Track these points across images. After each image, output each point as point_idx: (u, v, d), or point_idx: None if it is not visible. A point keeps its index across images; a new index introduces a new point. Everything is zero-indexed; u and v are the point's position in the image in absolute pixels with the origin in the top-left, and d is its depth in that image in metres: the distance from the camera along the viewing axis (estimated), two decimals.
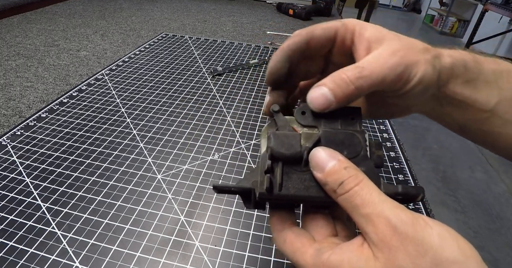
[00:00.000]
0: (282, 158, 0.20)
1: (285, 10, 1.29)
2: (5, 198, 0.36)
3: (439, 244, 0.15)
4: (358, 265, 0.16)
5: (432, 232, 0.15)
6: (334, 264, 0.17)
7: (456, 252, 0.15)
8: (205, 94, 0.61)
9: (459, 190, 1.67)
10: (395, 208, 0.16)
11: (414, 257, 0.15)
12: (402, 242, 0.15)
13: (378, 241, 0.16)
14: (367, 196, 0.17)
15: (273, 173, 0.19)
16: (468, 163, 1.91)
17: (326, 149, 0.19)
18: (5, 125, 0.49)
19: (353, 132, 0.21)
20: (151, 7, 1.26)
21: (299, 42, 0.22)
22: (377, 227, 0.16)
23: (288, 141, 0.20)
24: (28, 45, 0.80)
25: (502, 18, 3.56)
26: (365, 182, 0.17)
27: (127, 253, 0.31)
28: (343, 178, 0.18)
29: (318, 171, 0.19)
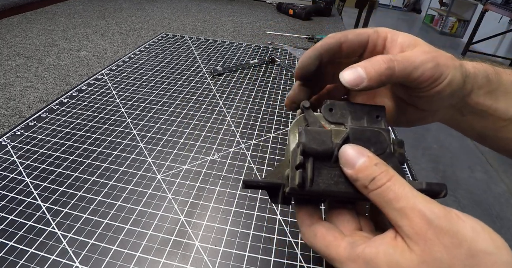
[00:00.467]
0: (313, 154, 0.20)
1: (285, 10, 1.29)
2: (5, 198, 0.36)
3: (473, 236, 0.15)
4: (394, 257, 0.17)
5: (465, 225, 0.16)
6: (369, 257, 0.17)
7: (489, 244, 0.15)
8: (205, 94, 0.61)
9: (459, 190, 1.68)
10: (428, 202, 0.17)
11: (449, 249, 0.15)
12: (437, 235, 0.16)
13: (413, 234, 0.16)
14: (399, 190, 0.17)
15: (305, 168, 0.20)
16: (468, 163, 1.91)
17: (355, 146, 0.19)
18: (5, 125, 0.49)
19: (379, 129, 0.21)
20: (151, 7, 1.26)
21: (332, 44, 0.23)
22: (411, 221, 0.16)
23: (320, 137, 0.20)
24: (28, 45, 0.80)
25: (502, 18, 3.56)
26: (396, 177, 0.18)
27: (127, 253, 0.31)
28: (375, 174, 0.18)
29: (349, 168, 0.19)
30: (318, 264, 0.32)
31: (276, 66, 0.77)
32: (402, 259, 0.16)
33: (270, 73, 0.73)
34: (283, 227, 0.35)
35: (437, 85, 0.21)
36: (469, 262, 0.15)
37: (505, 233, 1.40)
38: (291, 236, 0.34)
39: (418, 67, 0.21)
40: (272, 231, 0.35)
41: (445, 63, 0.21)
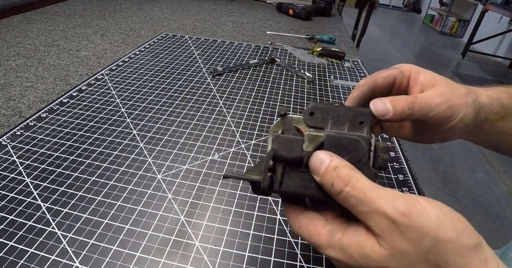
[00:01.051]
0: (284, 160, 0.21)
1: (285, 10, 1.29)
2: (5, 198, 0.36)
3: (436, 227, 0.17)
4: (365, 250, 0.18)
5: (430, 216, 0.17)
6: (344, 246, 0.19)
7: (450, 231, 0.17)
8: (205, 94, 0.61)
9: (459, 190, 1.67)
10: (391, 200, 0.18)
11: (415, 242, 0.17)
12: (402, 231, 0.17)
13: (380, 233, 0.18)
14: (360, 195, 0.18)
15: (275, 171, 0.21)
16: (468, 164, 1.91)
17: (325, 152, 0.20)
18: (5, 125, 0.49)
19: (358, 137, 0.21)
20: (151, 7, 1.26)
21: (365, 92, 0.27)
22: (377, 222, 0.18)
23: (291, 145, 0.21)
24: (28, 45, 0.80)
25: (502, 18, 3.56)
26: (355, 179, 0.19)
27: (127, 253, 0.31)
28: (333, 179, 0.19)
29: (316, 174, 0.20)
30: (318, 264, 0.32)
31: (276, 66, 0.77)
32: (371, 252, 0.18)
33: (270, 73, 0.73)
34: (283, 227, 0.35)
35: (450, 122, 0.25)
36: (432, 251, 0.17)
37: (505, 233, 1.40)
38: (291, 236, 0.34)
39: (433, 109, 0.24)
40: (272, 231, 0.35)
41: (458, 103, 0.25)
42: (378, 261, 0.18)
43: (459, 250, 0.17)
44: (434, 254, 0.17)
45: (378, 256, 0.18)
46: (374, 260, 0.18)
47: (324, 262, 0.32)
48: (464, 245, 0.17)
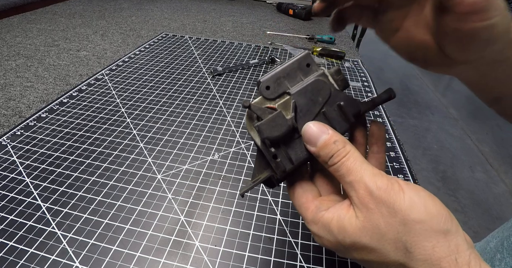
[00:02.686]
0: (280, 139, 0.21)
1: (285, 10, 1.29)
2: (5, 198, 0.36)
3: (408, 206, 0.17)
4: (343, 222, 0.19)
5: (404, 196, 0.18)
6: (326, 221, 0.20)
7: (421, 212, 0.17)
8: (205, 94, 0.61)
9: (459, 190, 1.67)
10: (374, 175, 0.19)
11: (386, 217, 0.18)
12: (377, 205, 0.18)
13: (358, 203, 0.19)
14: (351, 165, 0.19)
15: (279, 155, 0.22)
16: (468, 163, 1.91)
17: (316, 123, 0.21)
18: (5, 125, 0.49)
19: (316, 78, 0.22)
20: (151, 7, 1.26)
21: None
22: (357, 192, 0.19)
23: (276, 123, 0.21)
24: (28, 45, 0.80)
25: None
26: (351, 153, 0.20)
27: (127, 253, 0.31)
28: (333, 152, 0.20)
29: (312, 145, 0.21)
30: (318, 264, 0.32)
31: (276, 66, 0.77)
32: (348, 224, 0.19)
33: None
34: (283, 227, 0.35)
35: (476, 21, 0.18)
36: (402, 229, 0.17)
37: None
38: (291, 236, 0.34)
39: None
40: (272, 231, 0.35)
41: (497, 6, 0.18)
42: (352, 235, 0.19)
43: (427, 233, 0.17)
44: (403, 233, 0.17)
45: (353, 228, 0.19)
46: (349, 233, 0.19)
47: (324, 262, 0.32)
48: (434, 229, 0.17)
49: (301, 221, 0.36)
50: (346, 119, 0.22)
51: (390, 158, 0.48)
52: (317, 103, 0.22)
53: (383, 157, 0.24)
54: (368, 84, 0.71)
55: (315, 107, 0.22)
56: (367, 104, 0.23)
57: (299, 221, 0.36)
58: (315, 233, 0.21)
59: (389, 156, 0.48)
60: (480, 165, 1.88)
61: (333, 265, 0.32)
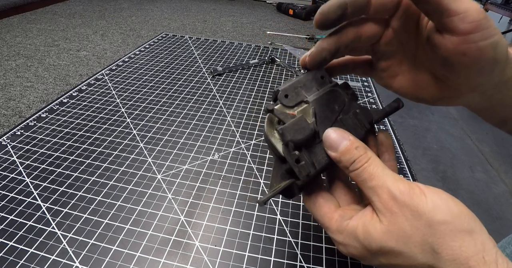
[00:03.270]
0: (302, 143, 0.22)
1: (285, 10, 1.29)
2: (5, 198, 0.36)
3: (431, 209, 0.17)
4: (368, 228, 0.19)
5: (426, 199, 0.18)
6: (352, 229, 0.20)
7: (445, 214, 0.17)
8: (205, 94, 0.61)
9: (459, 190, 1.67)
10: (396, 180, 0.19)
11: (411, 220, 0.18)
12: (401, 209, 0.18)
13: (381, 208, 0.19)
14: (373, 171, 0.20)
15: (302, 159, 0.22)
16: (468, 163, 1.91)
17: (337, 130, 0.21)
18: (5, 125, 0.49)
19: (330, 88, 0.24)
20: (151, 7, 1.26)
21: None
22: (380, 197, 0.19)
23: (299, 126, 0.22)
24: (28, 45, 0.80)
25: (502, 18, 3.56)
26: (373, 159, 0.20)
27: (127, 253, 0.31)
28: (355, 157, 0.20)
29: (333, 151, 0.21)
30: (318, 264, 0.32)
31: (276, 66, 0.77)
32: (373, 229, 0.19)
33: (270, 73, 0.73)
34: (283, 227, 0.35)
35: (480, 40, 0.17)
36: (427, 231, 0.17)
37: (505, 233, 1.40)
38: (291, 236, 0.34)
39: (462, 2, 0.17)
40: (272, 231, 0.35)
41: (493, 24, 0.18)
42: (378, 239, 0.19)
43: (453, 233, 0.17)
44: (429, 235, 0.17)
45: (379, 233, 0.19)
46: (374, 238, 0.19)
47: (324, 262, 0.32)
48: (459, 228, 0.17)
49: (301, 221, 0.36)
50: (362, 126, 0.23)
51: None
52: (334, 110, 0.23)
53: (395, 165, 0.25)
54: (368, 84, 0.71)
55: (332, 114, 0.23)
56: (378, 113, 0.24)
57: (299, 221, 0.36)
58: (340, 242, 0.21)
59: None
60: (480, 165, 1.88)
61: (333, 265, 0.32)
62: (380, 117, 0.24)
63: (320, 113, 0.23)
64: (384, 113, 0.24)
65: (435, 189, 0.19)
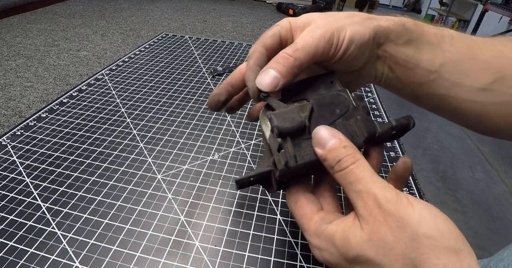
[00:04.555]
0: (289, 133, 0.21)
1: (285, 10, 1.29)
2: (5, 198, 0.36)
3: (417, 221, 0.16)
4: (347, 234, 0.18)
5: (413, 210, 0.17)
6: (330, 234, 0.19)
7: (432, 228, 0.16)
8: (205, 94, 0.61)
9: (459, 190, 1.67)
10: (383, 188, 0.18)
11: (394, 231, 0.17)
12: (385, 218, 0.17)
13: (365, 215, 0.18)
14: (361, 174, 0.19)
15: (285, 148, 0.21)
16: (468, 163, 1.91)
17: (328, 128, 0.20)
18: (5, 125, 0.49)
19: (337, 91, 0.23)
20: (151, 7, 1.26)
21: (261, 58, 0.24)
22: (365, 203, 0.18)
23: (289, 115, 0.21)
24: (28, 45, 0.80)
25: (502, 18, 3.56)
26: (361, 161, 0.19)
27: (127, 253, 0.31)
28: (341, 156, 0.19)
29: (320, 147, 0.20)
30: (318, 264, 0.32)
31: None
32: (352, 236, 0.18)
33: None
34: (283, 227, 0.35)
35: (340, 48, 0.22)
36: (410, 245, 0.16)
37: (505, 233, 1.40)
38: (291, 236, 0.34)
39: (318, 45, 0.22)
40: (272, 231, 0.35)
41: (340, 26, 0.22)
42: (356, 247, 0.18)
43: (438, 250, 0.16)
44: (412, 249, 0.16)
45: (358, 240, 0.18)
46: (353, 246, 0.18)
47: None
48: (445, 246, 0.16)
49: None
50: (361, 135, 0.22)
51: (390, 158, 0.48)
52: (334, 113, 0.22)
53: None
54: (368, 84, 0.70)
55: (331, 116, 0.22)
56: (383, 127, 0.22)
57: None
58: (316, 246, 0.20)
59: (389, 156, 0.48)
60: (480, 165, 1.88)
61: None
62: (384, 130, 0.22)
63: (318, 111, 0.22)
64: (389, 127, 0.22)
65: (424, 202, 0.18)
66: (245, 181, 0.22)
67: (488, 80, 0.24)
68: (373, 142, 0.23)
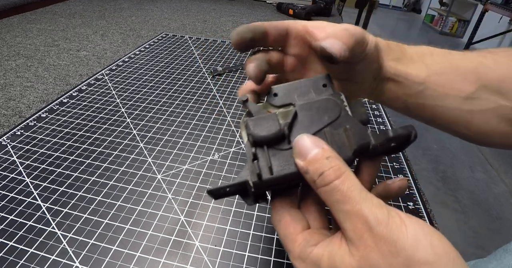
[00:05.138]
0: (265, 141, 0.19)
1: (285, 10, 1.29)
2: (5, 198, 0.36)
3: (412, 244, 0.15)
4: (335, 259, 0.17)
5: (407, 231, 0.15)
6: (315, 258, 0.18)
7: (428, 252, 0.15)
8: (205, 94, 0.61)
9: (459, 190, 1.67)
10: (374, 206, 0.16)
11: (387, 257, 0.15)
12: (377, 242, 0.16)
13: (354, 239, 0.16)
14: (348, 192, 0.17)
15: (260, 159, 0.19)
16: (468, 163, 1.91)
17: (311, 137, 0.18)
18: (5, 125, 0.49)
19: (327, 96, 0.21)
20: (151, 7, 1.26)
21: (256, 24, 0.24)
22: (354, 225, 0.16)
23: (266, 122, 0.19)
24: (28, 45, 0.80)
25: (502, 18, 3.56)
26: (347, 175, 0.17)
27: (127, 253, 0.31)
28: (324, 169, 0.17)
29: (300, 158, 0.18)
30: None
31: None
32: (340, 262, 0.16)
33: None
34: None
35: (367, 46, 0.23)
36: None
37: (505, 233, 1.40)
38: None
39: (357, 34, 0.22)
40: (272, 231, 0.35)
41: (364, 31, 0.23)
42: None
43: None
44: None
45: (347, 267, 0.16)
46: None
47: None
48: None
49: None
50: (350, 147, 0.19)
51: (390, 158, 0.48)
52: (321, 121, 0.20)
53: None
54: None
55: (317, 124, 0.20)
56: (378, 138, 0.19)
57: None
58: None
59: (389, 156, 0.48)
60: (480, 165, 1.88)
61: None
62: (379, 142, 0.19)
63: (303, 119, 0.20)
64: (385, 138, 0.19)
65: (417, 220, 0.16)
66: (220, 191, 0.20)
67: (471, 89, 0.26)
68: (367, 155, 0.20)
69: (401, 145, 0.20)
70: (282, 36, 0.25)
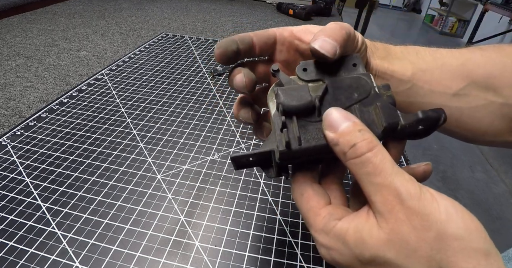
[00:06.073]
0: (295, 111, 0.19)
1: (285, 10, 1.29)
2: (5, 198, 0.36)
3: (444, 219, 0.15)
4: (362, 233, 0.16)
5: (439, 207, 0.15)
6: (339, 232, 0.17)
7: (460, 228, 0.15)
8: (205, 94, 0.61)
9: (459, 190, 1.67)
10: (406, 180, 0.16)
11: (419, 231, 0.15)
12: (408, 216, 0.15)
13: (384, 212, 0.16)
14: (380, 164, 0.16)
15: (289, 128, 0.19)
16: (468, 163, 1.91)
17: (341, 110, 0.18)
18: (5, 125, 0.49)
19: (358, 75, 0.21)
20: (151, 7, 1.26)
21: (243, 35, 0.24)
22: (385, 198, 0.16)
23: (297, 93, 0.19)
24: (28, 45, 0.80)
25: (502, 18, 3.56)
26: (379, 148, 0.17)
27: (127, 253, 0.31)
28: (356, 141, 0.17)
29: (331, 131, 0.18)
30: (318, 264, 0.32)
31: None
32: (368, 235, 0.16)
33: None
34: (283, 227, 0.35)
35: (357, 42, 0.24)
36: (436, 246, 0.15)
37: (505, 233, 1.40)
38: (291, 236, 0.34)
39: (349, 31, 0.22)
40: (272, 231, 0.35)
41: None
42: (373, 248, 0.16)
43: (467, 252, 0.14)
44: (438, 251, 0.14)
45: (375, 241, 0.16)
46: (369, 246, 0.16)
47: (324, 262, 0.32)
48: (475, 248, 0.14)
49: (301, 221, 0.36)
50: (379, 125, 0.19)
51: None
52: (351, 98, 0.20)
53: None
54: None
55: (347, 100, 0.20)
56: (408, 119, 0.19)
57: (299, 221, 0.36)
58: (323, 244, 0.18)
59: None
60: (480, 165, 1.88)
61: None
62: (408, 123, 0.19)
63: (333, 93, 0.20)
64: (415, 119, 0.19)
65: (448, 198, 0.16)
66: (243, 160, 0.20)
67: (459, 85, 0.25)
68: (394, 136, 0.20)
69: (428, 129, 0.19)
70: (269, 45, 0.25)
